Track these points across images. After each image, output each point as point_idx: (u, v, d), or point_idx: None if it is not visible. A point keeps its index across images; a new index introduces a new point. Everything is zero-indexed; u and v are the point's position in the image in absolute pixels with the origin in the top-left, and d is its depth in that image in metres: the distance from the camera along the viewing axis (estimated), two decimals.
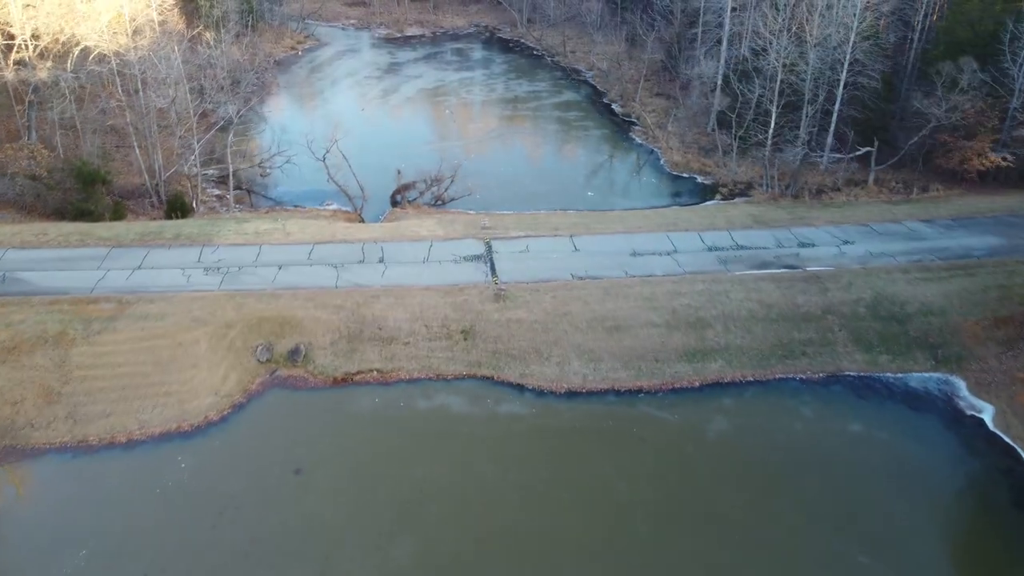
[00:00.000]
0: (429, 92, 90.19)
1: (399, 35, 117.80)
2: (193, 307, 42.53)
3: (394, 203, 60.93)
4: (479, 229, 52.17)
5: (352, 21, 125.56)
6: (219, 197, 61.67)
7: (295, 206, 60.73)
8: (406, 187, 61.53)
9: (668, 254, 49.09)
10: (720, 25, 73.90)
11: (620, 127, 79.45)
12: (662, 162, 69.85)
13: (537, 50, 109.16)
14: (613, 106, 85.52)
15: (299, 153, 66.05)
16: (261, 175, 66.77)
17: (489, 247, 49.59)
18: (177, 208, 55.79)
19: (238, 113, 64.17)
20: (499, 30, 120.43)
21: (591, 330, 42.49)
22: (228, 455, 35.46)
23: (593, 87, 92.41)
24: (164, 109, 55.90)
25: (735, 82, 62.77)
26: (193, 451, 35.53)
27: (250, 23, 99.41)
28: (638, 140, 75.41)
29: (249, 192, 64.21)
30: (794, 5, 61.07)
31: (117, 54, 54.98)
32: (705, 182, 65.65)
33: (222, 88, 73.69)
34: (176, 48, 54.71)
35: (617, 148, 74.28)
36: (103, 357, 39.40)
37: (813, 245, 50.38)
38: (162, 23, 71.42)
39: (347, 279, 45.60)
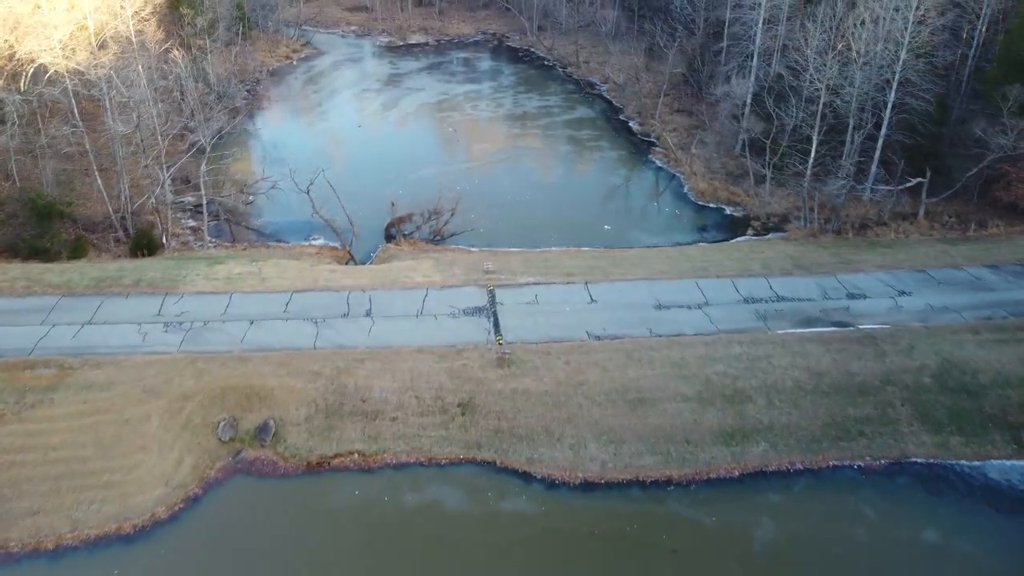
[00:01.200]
0: (432, 107, 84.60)
1: (401, 43, 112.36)
2: (146, 374, 36.95)
3: (388, 237, 55.30)
4: (481, 274, 46.47)
5: (353, 28, 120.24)
6: (194, 230, 56.16)
7: (278, 240, 55.19)
8: (402, 220, 55.87)
9: (698, 307, 43.20)
10: (750, 39, 67.98)
11: (638, 148, 73.61)
12: (686, 189, 63.97)
13: (548, 60, 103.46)
14: (630, 124, 79.72)
15: (285, 178, 60.66)
16: (244, 203, 61.22)
17: (492, 297, 43.84)
18: (143, 245, 50.32)
19: (219, 133, 58.70)
20: (508, 38, 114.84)
21: (611, 404, 36.66)
22: (175, 567, 29.79)
23: (608, 102, 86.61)
24: (130, 134, 50.29)
25: (769, 104, 56.79)
26: (133, 561, 29.93)
27: (240, 31, 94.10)
28: (658, 163, 69.55)
29: (229, 222, 58.67)
30: (838, 18, 55.15)
31: (77, 72, 49.45)
32: (735, 214, 59.74)
33: (203, 105, 68.41)
34: (141, 68, 49.11)
35: (636, 172, 68.45)
36: (35, 438, 33.85)
37: (864, 296, 44.39)
38: (139, 33, 66.06)
39: (328, 338, 39.92)
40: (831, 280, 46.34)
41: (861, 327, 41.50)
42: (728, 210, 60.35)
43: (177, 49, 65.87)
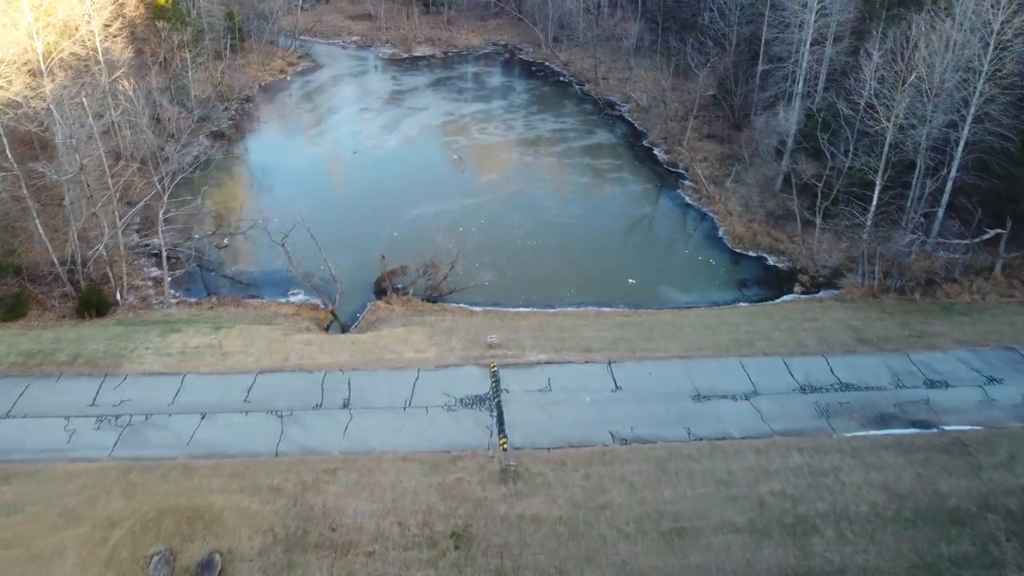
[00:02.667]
0: (436, 129, 78.01)
1: (406, 55, 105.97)
2: (67, 489, 30.41)
3: (379, 292, 48.67)
4: (483, 349, 39.68)
5: (354, 38, 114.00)
6: (157, 281, 49.67)
7: (251, 296, 48.61)
8: (393, 273, 49.27)
9: (745, 397, 36.24)
10: (794, 61, 60.96)
11: (665, 180, 66.70)
12: (720, 233, 56.99)
13: (564, 76, 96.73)
14: (655, 151, 72.83)
15: (266, 218, 54.43)
16: (218, 246, 54.78)
17: (496, 381, 37.03)
18: (92, 304, 43.89)
19: (183, 171, 52.17)
20: (520, 50, 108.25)
21: (641, 536, 29.72)
22: None
23: (630, 125, 79.74)
24: (75, 175, 43.83)
25: (823, 142, 49.65)
26: None
27: (227, 44, 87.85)
28: (688, 200, 62.57)
29: (200, 268, 52.31)
30: (899, 41, 48.04)
31: (12, 104, 43.00)
32: (778, 265, 52.73)
33: (177, 133, 62.20)
34: (86, 100, 42.63)
35: (662, 211, 61.47)
36: None
37: (946, 385, 37.29)
38: (106, 52, 59.88)
39: (294, 438, 33.24)
40: (903, 360, 39.24)
41: (947, 429, 34.41)
42: (770, 260, 53.32)
43: (166, 60, 59.54)
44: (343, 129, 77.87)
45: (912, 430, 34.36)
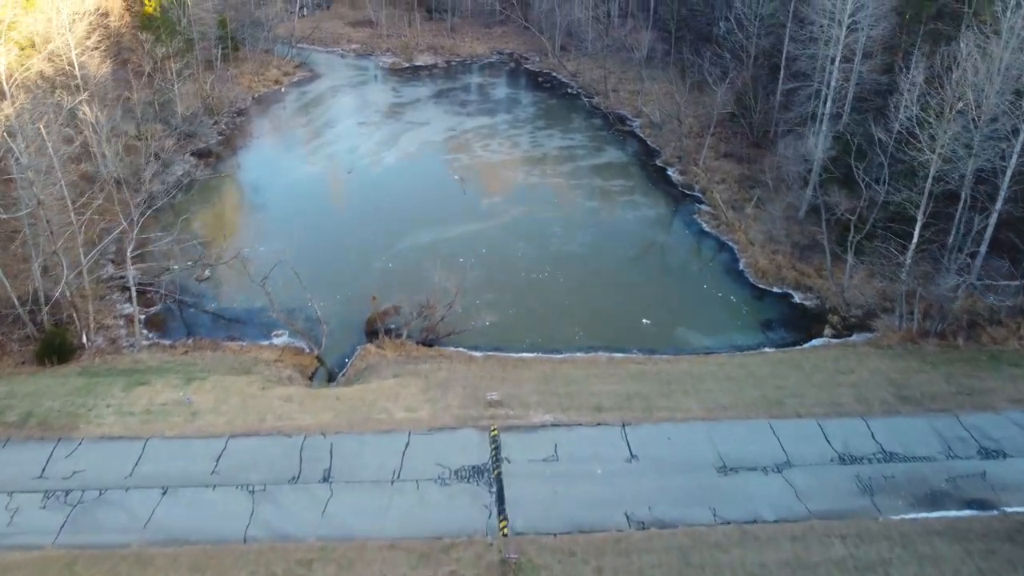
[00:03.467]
0: (436, 146, 74.32)
1: (407, 64, 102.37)
2: None
3: (370, 333, 44.95)
4: (482, 407, 35.92)
5: (354, 46, 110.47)
6: (129, 320, 46.00)
7: (231, 337, 44.89)
8: (386, 313, 45.52)
9: (777, 470, 32.41)
10: (820, 79, 57.09)
11: (680, 204, 62.87)
12: (741, 265, 53.12)
13: (572, 87, 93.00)
14: (669, 171, 68.99)
15: (251, 245, 51.45)
16: (198, 279, 51.15)
17: (497, 448, 33.26)
18: (54, 349, 40.26)
19: (164, 197, 48.64)
20: (526, 59, 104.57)
21: None
22: None
23: (642, 142, 75.94)
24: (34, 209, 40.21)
25: (858, 174, 45.70)
26: None
27: (219, 54, 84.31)
28: (705, 226, 58.72)
29: (178, 303, 48.72)
30: (943, 63, 44.09)
31: None
32: (805, 302, 48.84)
33: (155, 156, 58.64)
34: (43, 127, 38.98)
35: (678, 239, 57.57)
36: None
37: (1003, 455, 33.44)
38: (82, 67, 56.41)
39: (266, 520, 29.52)
40: (952, 423, 35.35)
41: (1009, 511, 30.50)
42: (796, 297, 49.42)
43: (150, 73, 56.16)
44: (339, 145, 74.23)
45: (968, 512, 30.47)
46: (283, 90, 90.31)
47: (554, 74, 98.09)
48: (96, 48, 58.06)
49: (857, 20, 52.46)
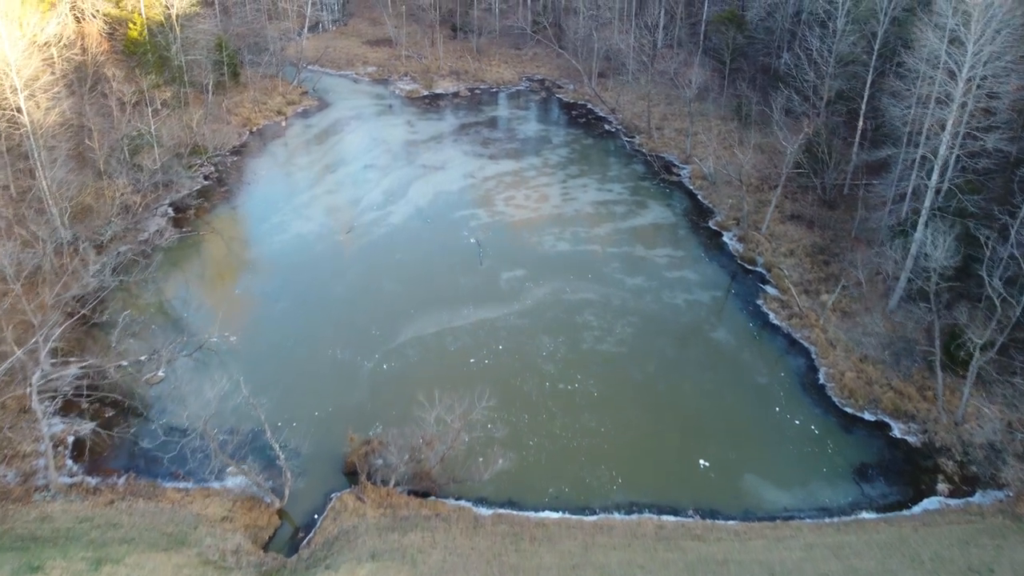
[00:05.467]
0: (452, 197, 65.43)
1: (426, 92, 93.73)
2: None
3: (350, 475, 36.00)
4: None
5: (370, 69, 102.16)
6: (58, 441, 37.50)
7: (174, 475, 36.14)
8: (371, 449, 36.46)
9: None
10: (919, 141, 47.09)
11: (741, 284, 53.21)
12: (821, 377, 43.39)
13: (610, 123, 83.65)
14: (725, 237, 59.33)
15: (220, 335, 43.29)
16: (149, 381, 42.65)
17: None
18: None
19: (99, 292, 40.22)
20: (559, 88, 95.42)
21: None
22: None
23: (692, 196, 66.33)
24: None
25: (994, 286, 35.77)
26: None
27: (211, 82, 76.17)
28: (773, 317, 49.03)
29: (121, 413, 40.29)
30: None
31: None
32: (907, 437, 39.04)
33: (125, 211, 50.58)
34: None
35: (740, 336, 47.79)
36: None
37: None
38: (31, 110, 48.38)
39: None
40: None
41: None
42: (896, 429, 39.58)
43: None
44: (340, 195, 65.60)
45: None
46: (284, 124, 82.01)
47: (590, 106, 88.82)
48: (50, 89, 50.03)
49: (984, 75, 42.18)
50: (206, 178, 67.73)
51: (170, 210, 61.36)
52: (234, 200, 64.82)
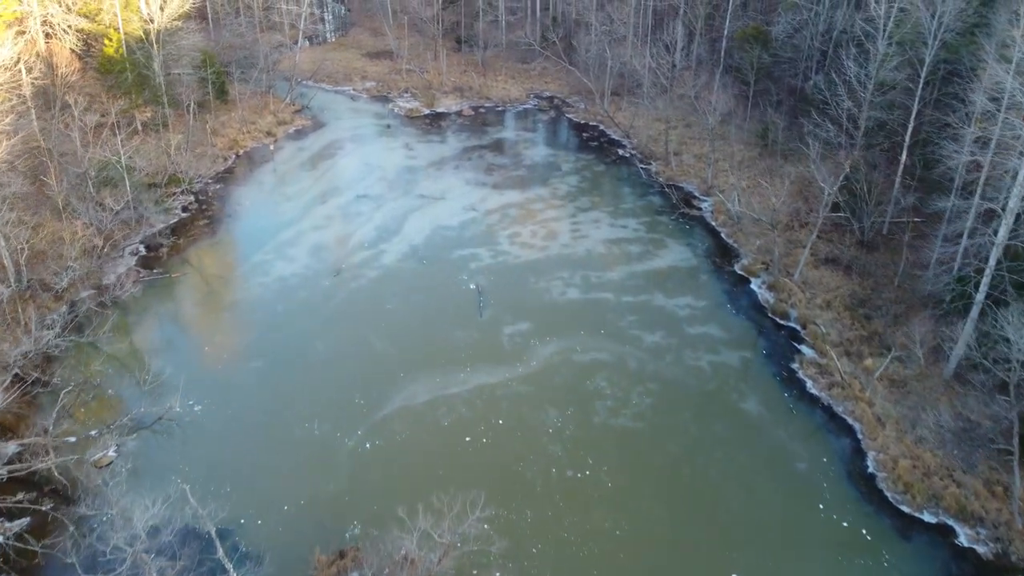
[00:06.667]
0: (451, 234, 60.23)
1: (427, 111, 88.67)
2: None
3: None
4: None
5: (368, 84, 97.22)
6: None
7: None
8: (342, 569, 31.13)
9: None
10: (989, 193, 41.66)
11: (772, 341, 47.81)
12: (870, 465, 37.97)
13: (624, 146, 78.41)
14: (753, 284, 53.98)
15: (182, 403, 38.32)
16: (95, 464, 37.52)
17: None
18: None
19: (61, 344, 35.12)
20: (568, 106, 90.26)
21: None
22: None
23: (714, 233, 61.01)
24: None
25: None
26: None
27: (193, 102, 71.12)
28: (811, 385, 43.59)
29: (62, 502, 35.15)
30: None
31: None
32: (976, 546, 33.58)
33: (86, 253, 45.76)
34: None
35: (774, 408, 42.23)
36: None
37: None
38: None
39: None
40: None
41: None
42: (962, 535, 34.12)
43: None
44: (329, 231, 60.45)
45: None
46: (273, 148, 76.92)
47: (602, 127, 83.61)
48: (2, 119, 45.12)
49: None
50: (184, 209, 62.69)
51: (142, 247, 56.37)
52: (212, 236, 59.70)
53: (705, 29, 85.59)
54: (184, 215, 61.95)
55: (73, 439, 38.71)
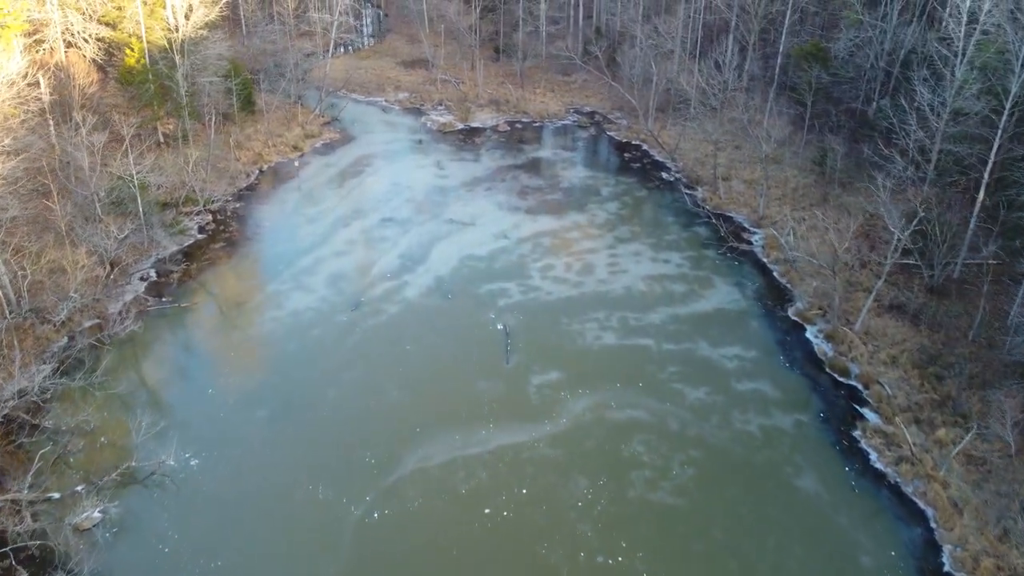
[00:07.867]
0: (479, 265, 56.51)
1: (461, 125, 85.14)
2: None
3: None
4: None
5: (401, 95, 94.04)
6: None
7: None
8: None
9: None
10: None
11: (831, 402, 43.19)
12: (945, 560, 33.37)
13: (668, 170, 74.05)
14: (808, 332, 49.37)
15: (177, 455, 35.15)
16: (78, 527, 34.40)
17: None
18: None
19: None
20: (610, 123, 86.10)
21: None
22: None
23: (766, 271, 56.43)
24: None
25: None
26: None
27: (213, 114, 68.30)
28: (875, 458, 38.98)
29: (47, 559, 32.21)
30: None
31: None
32: None
33: (78, 290, 42.97)
34: None
35: (834, 488, 37.49)
36: None
37: None
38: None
39: None
40: None
41: None
42: None
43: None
44: (350, 258, 57.13)
45: None
46: (297, 163, 73.96)
47: (645, 147, 79.33)
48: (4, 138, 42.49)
49: None
50: (201, 230, 59.88)
51: (152, 272, 53.64)
52: (228, 261, 56.66)
53: (758, 45, 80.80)
54: (200, 236, 59.08)
55: (57, 495, 35.74)
